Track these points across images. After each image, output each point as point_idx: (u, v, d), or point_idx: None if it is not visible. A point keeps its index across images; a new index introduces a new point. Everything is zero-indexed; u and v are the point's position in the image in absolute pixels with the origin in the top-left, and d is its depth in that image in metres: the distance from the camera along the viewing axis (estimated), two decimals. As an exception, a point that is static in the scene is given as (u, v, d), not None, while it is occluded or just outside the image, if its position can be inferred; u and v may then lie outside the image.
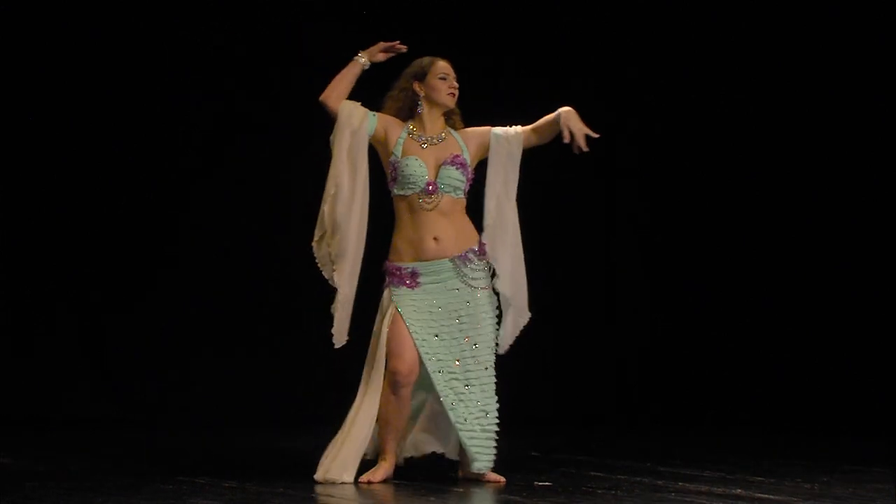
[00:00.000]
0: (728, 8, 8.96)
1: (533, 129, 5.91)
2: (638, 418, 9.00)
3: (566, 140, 5.71)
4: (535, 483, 5.69)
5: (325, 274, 5.86)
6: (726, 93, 9.06)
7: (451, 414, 5.71)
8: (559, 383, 8.99)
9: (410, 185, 5.79)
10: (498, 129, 5.93)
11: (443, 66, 5.88)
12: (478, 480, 5.74)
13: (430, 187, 5.79)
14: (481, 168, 5.94)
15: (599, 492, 5.40)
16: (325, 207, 5.77)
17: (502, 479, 5.75)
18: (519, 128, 5.93)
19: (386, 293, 5.82)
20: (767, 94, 9.01)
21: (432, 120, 5.89)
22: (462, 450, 5.79)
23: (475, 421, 5.73)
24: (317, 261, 5.87)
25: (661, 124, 9.21)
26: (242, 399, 8.73)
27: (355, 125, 5.79)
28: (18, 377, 8.51)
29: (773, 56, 8.96)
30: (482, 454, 5.73)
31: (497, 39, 8.53)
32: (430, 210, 5.79)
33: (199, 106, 8.73)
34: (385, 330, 5.74)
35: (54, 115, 8.57)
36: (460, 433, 5.71)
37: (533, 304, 5.98)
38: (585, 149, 5.71)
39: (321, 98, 5.80)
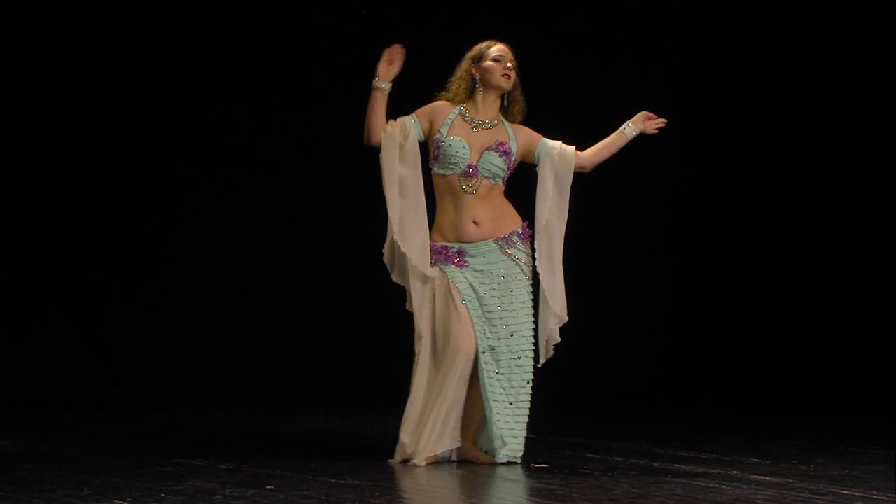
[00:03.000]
0: (733, 10, 8.97)
1: (588, 155, 5.91)
2: (635, 400, 9.00)
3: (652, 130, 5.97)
4: (532, 464, 5.68)
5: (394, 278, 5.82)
6: (733, 92, 9.08)
7: (487, 396, 5.68)
8: (556, 366, 8.98)
9: (451, 166, 5.73)
10: (550, 142, 5.90)
11: (498, 48, 5.82)
12: (471, 461, 5.73)
13: (471, 170, 5.74)
14: (522, 169, 5.93)
15: (596, 473, 5.40)
16: (395, 236, 5.70)
17: (491, 459, 5.74)
18: (573, 148, 5.91)
19: (436, 271, 5.74)
20: (772, 96, 9.02)
21: (487, 104, 5.82)
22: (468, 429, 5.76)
23: (498, 411, 5.70)
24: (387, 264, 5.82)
25: (674, 126, 9.23)
26: (239, 381, 8.73)
27: (401, 139, 5.73)
28: (16, 359, 8.51)
29: (784, 58, 8.96)
30: (505, 442, 5.71)
31: (502, 36, 8.51)
32: (470, 193, 5.74)
33: (194, 94, 8.73)
34: (444, 308, 5.66)
35: (54, 103, 8.56)
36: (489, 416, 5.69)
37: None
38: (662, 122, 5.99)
39: (365, 142, 5.75)
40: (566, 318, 5.93)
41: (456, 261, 5.74)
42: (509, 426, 5.73)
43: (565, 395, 8.85)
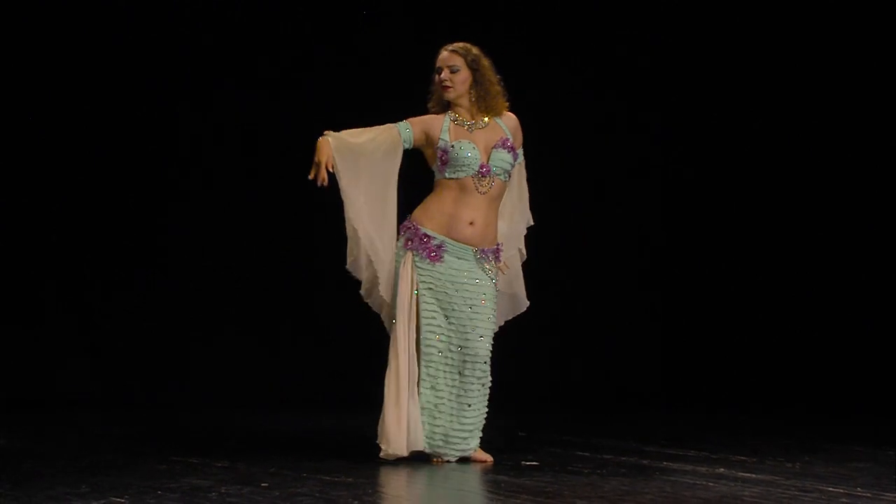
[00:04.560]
0: (735, 10, 8.94)
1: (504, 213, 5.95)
2: (624, 399, 9.01)
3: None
4: (523, 462, 5.69)
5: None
6: (728, 90, 9.03)
7: (426, 395, 5.66)
8: (547, 366, 8.99)
9: (464, 168, 5.70)
10: (521, 156, 5.93)
11: (440, 58, 5.78)
12: (466, 459, 5.73)
13: (484, 169, 5.72)
14: None
15: (585, 471, 5.41)
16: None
17: (490, 458, 5.74)
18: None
19: (408, 257, 5.72)
20: (766, 93, 8.98)
21: (464, 108, 5.80)
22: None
23: (450, 411, 5.69)
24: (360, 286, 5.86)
25: (675, 121, 9.20)
26: (235, 381, 8.73)
27: (390, 145, 5.74)
28: (15, 359, 8.50)
29: (785, 55, 8.92)
30: (446, 443, 5.68)
31: (499, 38, 8.56)
32: (484, 193, 5.73)
33: (193, 95, 8.73)
34: (412, 303, 5.66)
35: (54, 103, 8.56)
36: (424, 417, 5.66)
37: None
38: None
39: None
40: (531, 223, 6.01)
41: (432, 254, 5.72)
42: (461, 425, 5.68)
43: (555, 394, 8.85)
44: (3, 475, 5.12)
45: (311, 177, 5.69)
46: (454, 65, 5.76)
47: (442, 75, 5.76)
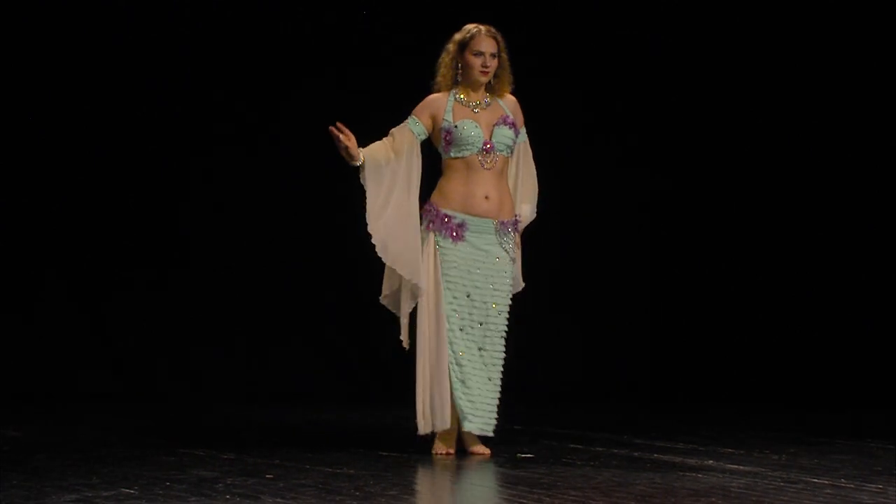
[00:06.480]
0: (735, 9, 8.91)
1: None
2: (616, 393, 9.01)
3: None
4: (518, 454, 5.70)
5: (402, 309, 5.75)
6: (733, 89, 9.00)
7: (454, 371, 5.64)
8: (541, 361, 8.98)
9: (468, 147, 5.69)
10: (524, 133, 5.91)
11: (480, 41, 5.73)
12: (463, 451, 5.74)
13: (487, 146, 5.72)
14: None
15: (579, 463, 5.41)
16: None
17: (487, 451, 5.74)
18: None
19: (430, 238, 5.70)
20: (755, 90, 8.96)
21: (474, 88, 5.78)
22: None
23: (477, 385, 5.69)
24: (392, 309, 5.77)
25: (674, 120, 9.18)
26: (240, 376, 8.73)
27: (407, 149, 5.71)
28: (27, 354, 8.50)
29: (784, 55, 8.88)
30: (475, 416, 5.67)
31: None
32: (489, 169, 5.71)
33: (204, 92, 8.71)
34: (437, 284, 5.62)
35: (60, 100, 8.54)
36: (456, 391, 5.64)
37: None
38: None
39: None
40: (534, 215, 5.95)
41: (454, 234, 5.72)
42: (486, 401, 5.69)
43: (549, 388, 8.86)
44: (16, 466, 5.11)
45: (335, 131, 5.62)
46: (495, 51, 5.76)
47: (486, 61, 5.72)
